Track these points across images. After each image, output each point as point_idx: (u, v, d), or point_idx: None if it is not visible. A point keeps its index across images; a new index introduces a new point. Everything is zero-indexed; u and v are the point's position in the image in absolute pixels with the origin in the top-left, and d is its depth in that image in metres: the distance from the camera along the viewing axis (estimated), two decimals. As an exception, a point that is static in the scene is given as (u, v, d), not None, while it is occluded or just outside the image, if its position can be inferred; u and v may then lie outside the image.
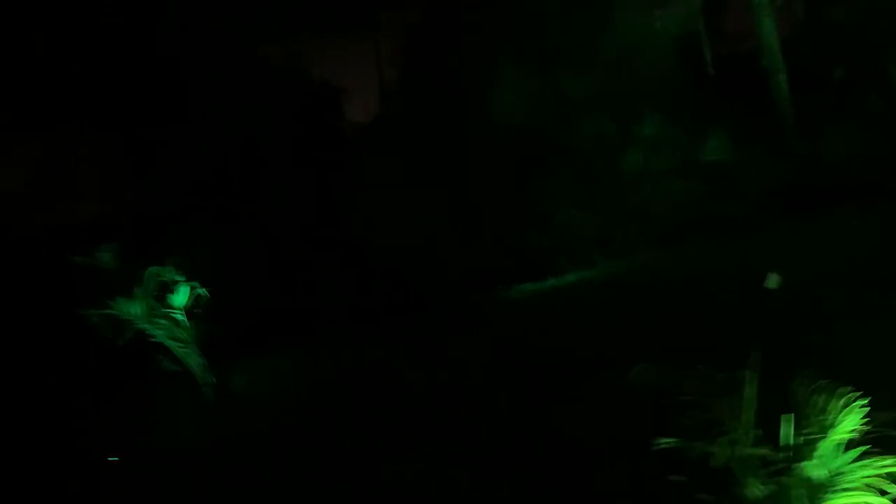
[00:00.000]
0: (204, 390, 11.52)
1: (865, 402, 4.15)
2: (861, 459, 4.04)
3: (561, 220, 15.26)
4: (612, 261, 14.42)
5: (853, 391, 4.21)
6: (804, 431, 4.17)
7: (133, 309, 10.89)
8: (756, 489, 4.10)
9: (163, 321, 11.19)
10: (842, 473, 4.04)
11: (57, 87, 22.12)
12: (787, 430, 4.17)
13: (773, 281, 10.80)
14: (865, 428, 4.06)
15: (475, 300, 13.01)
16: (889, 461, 3.92)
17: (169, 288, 11.28)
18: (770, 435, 4.23)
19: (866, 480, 3.95)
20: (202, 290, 11.27)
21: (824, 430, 4.12)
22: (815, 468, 4.05)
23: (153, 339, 11.39)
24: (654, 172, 15.56)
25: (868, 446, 4.08)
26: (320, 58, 21.66)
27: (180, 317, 11.23)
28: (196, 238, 13.36)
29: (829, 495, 3.99)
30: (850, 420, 4.07)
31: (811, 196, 14.85)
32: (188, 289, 11.14)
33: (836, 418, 4.14)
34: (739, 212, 14.92)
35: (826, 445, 4.07)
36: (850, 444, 4.09)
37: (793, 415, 4.19)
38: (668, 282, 12.52)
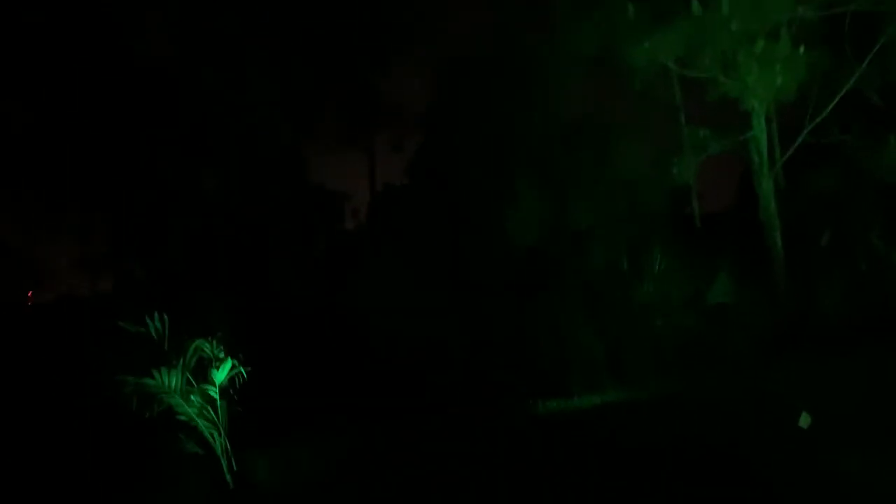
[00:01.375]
0: (226, 476, 11.07)
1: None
2: None
3: (574, 341, 15.62)
4: (625, 388, 14.72)
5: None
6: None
7: (172, 381, 10.60)
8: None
9: (196, 398, 10.89)
10: None
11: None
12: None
13: (804, 420, 11.26)
14: None
15: (508, 410, 13.05)
16: None
17: (206, 363, 11.07)
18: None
19: None
20: (242, 369, 11.08)
21: None
22: None
23: (180, 416, 11.03)
24: (664, 306, 16.27)
25: None
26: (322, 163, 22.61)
27: (215, 395, 10.96)
28: (228, 315, 13.20)
29: None
30: None
31: (806, 341, 15.80)
32: (229, 366, 10.95)
33: None
34: (743, 350, 15.62)
35: None
36: None
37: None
38: (696, 411, 12.90)
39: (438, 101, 21.39)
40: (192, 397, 10.92)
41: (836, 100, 18.44)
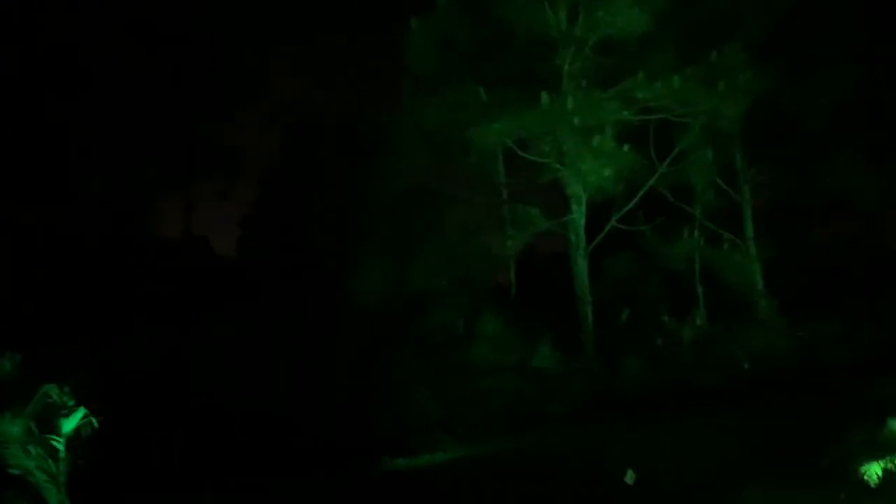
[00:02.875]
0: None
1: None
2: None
3: (413, 401, 16.09)
4: (461, 445, 15.39)
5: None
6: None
7: (13, 430, 9.54)
8: None
9: (37, 449, 9.86)
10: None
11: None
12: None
13: (629, 476, 12.58)
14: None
15: (362, 469, 13.09)
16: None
17: (51, 411, 10.09)
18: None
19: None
20: (93, 419, 10.21)
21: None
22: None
23: (11, 470, 9.91)
24: (493, 368, 17.32)
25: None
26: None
27: (60, 446, 9.98)
28: (84, 358, 12.08)
29: None
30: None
31: (615, 405, 17.59)
32: (80, 415, 10.05)
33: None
34: (562, 410, 17.04)
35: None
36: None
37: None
38: (529, 467, 13.86)
39: (283, 158, 21.40)
40: (30, 448, 9.89)
41: (641, 193, 21.19)
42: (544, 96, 17.57)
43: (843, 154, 22.31)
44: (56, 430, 9.91)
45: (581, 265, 20.69)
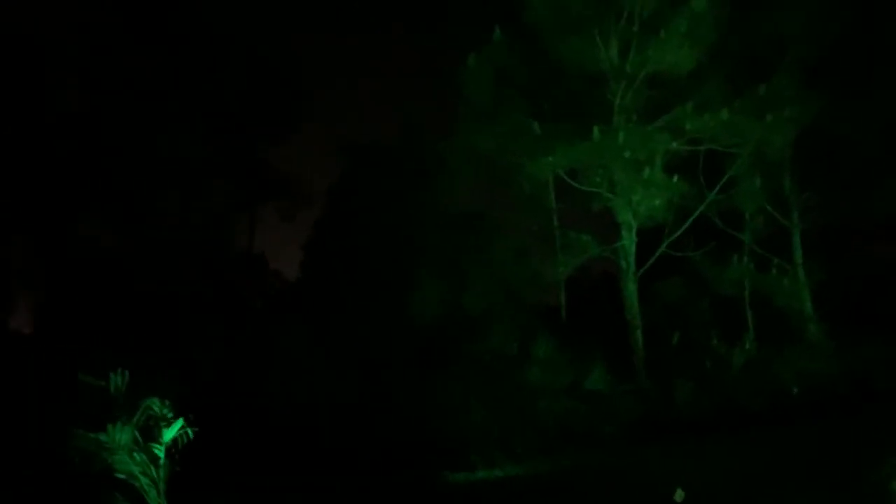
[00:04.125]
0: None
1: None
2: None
3: (469, 419, 16.92)
4: (517, 463, 16.16)
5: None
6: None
7: (122, 438, 10.69)
8: None
9: (140, 455, 11.00)
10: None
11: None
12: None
13: (679, 495, 13.20)
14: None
15: (419, 481, 14.00)
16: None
17: (153, 422, 11.24)
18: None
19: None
20: (189, 430, 11.34)
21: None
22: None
23: (118, 474, 11.05)
24: (547, 389, 18.06)
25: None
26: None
27: (160, 453, 11.12)
28: (173, 376, 13.27)
29: None
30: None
31: (666, 428, 18.16)
32: (178, 426, 11.18)
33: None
34: (614, 431, 17.67)
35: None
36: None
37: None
38: (579, 486, 14.57)
39: (341, 180, 22.61)
40: (135, 455, 11.04)
41: (690, 220, 21.79)
42: (596, 130, 18.39)
43: (893, 176, 22.51)
44: (157, 439, 11.03)
45: (631, 290, 21.34)
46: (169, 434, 11.13)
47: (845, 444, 13.79)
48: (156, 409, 11.20)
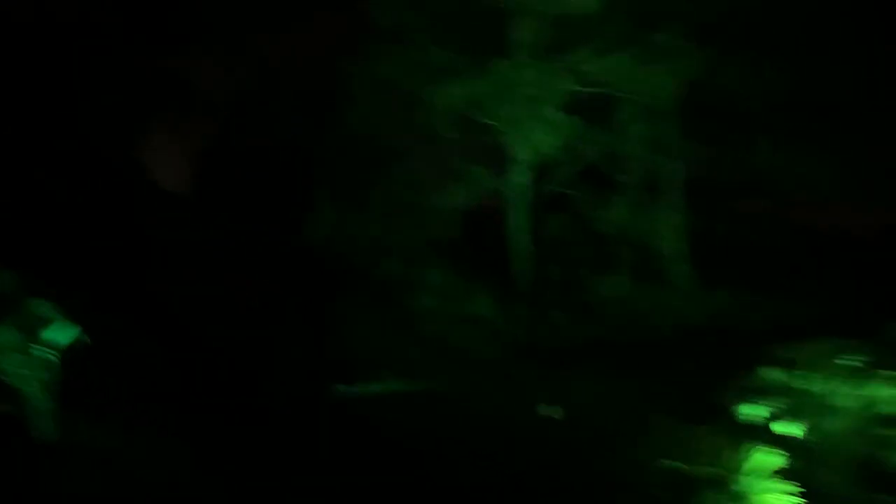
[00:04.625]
0: (40, 438, 11.10)
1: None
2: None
3: (361, 340, 17.54)
4: (404, 381, 16.97)
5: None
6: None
7: (7, 338, 10.53)
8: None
9: (30, 358, 10.88)
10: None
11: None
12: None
13: (555, 412, 14.41)
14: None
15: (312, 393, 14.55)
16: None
17: (38, 322, 11.08)
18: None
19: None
20: (87, 337, 11.27)
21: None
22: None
23: (6, 377, 10.93)
24: (438, 315, 18.89)
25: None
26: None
27: (54, 358, 11.02)
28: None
29: None
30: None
31: (545, 353, 19.44)
32: (74, 332, 11.08)
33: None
34: (496, 356, 18.78)
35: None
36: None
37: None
38: (460, 402, 15.59)
39: (241, 93, 22.04)
40: (17, 355, 10.90)
41: (580, 161, 22.79)
42: (500, 64, 18.81)
43: (768, 136, 24.20)
44: (42, 342, 10.90)
45: (520, 223, 22.27)
46: (59, 336, 11.01)
47: (700, 374, 15.29)
48: (40, 310, 11.05)
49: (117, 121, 24.82)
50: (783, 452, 8.43)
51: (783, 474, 7.48)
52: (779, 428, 9.41)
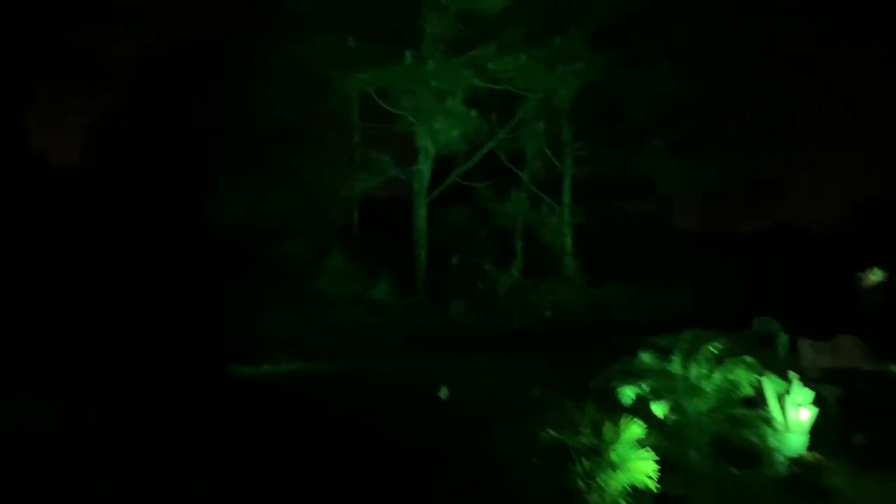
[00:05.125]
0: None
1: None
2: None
3: (261, 320, 17.59)
4: (302, 362, 17.20)
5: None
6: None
7: None
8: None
9: None
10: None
11: None
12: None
13: (443, 392, 15.02)
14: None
15: (212, 373, 14.54)
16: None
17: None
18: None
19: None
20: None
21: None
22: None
23: None
24: (336, 298, 19.15)
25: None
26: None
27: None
28: None
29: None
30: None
31: (442, 340, 20.11)
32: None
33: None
34: (394, 340, 19.27)
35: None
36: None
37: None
38: (357, 383, 15.99)
39: (147, 66, 21.39)
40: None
41: (481, 154, 23.63)
42: (408, 56, 19.25)
43: (652, 142, 25.78)
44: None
45: (421, 212, 22.89)
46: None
47: (583, 359, 16.30)
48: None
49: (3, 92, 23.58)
50: (654, 428, 9.32)
51: (652, 448, 8.30)
52: (652, 406, 10.37)
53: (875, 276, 24.53)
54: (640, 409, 9.73)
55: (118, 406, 13.12)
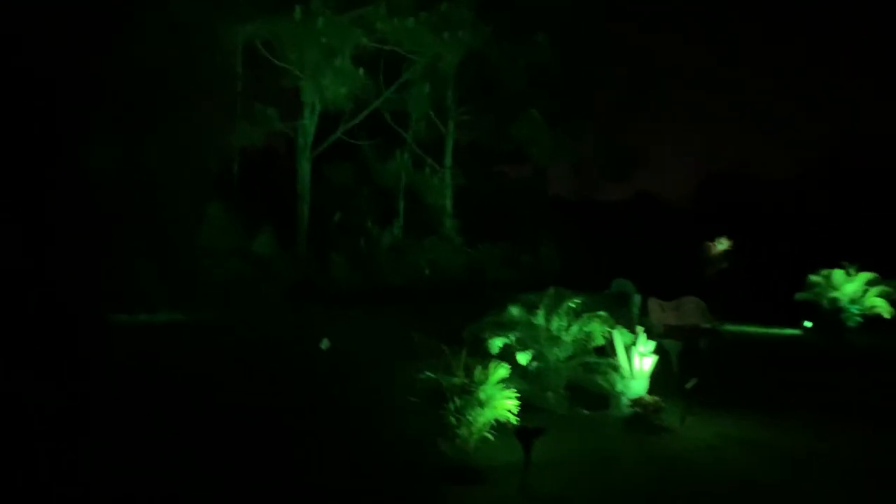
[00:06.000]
0: None
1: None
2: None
3: (136, 271, 17.39)
4: (179, 312, 17.25)
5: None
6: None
7: None
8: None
9: None
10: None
11: None
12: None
13: (324, 343, 15.60)
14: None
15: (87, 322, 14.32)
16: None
17: None
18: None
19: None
20: None
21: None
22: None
23: None
24: (216, 250, 19.17)
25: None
26: None
27: None
28: None
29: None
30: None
31: (321, 295, 20.59)
32: None
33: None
34: (274, 293, 19.56)
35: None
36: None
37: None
38: (237, 334, 16.28)
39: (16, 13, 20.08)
40: None
41: (366, 112, 23.97)
42: (298, 11, 19.22)
43: (528, 111, 26.92)
44: None
45: (305, 167, 23.06)
46: None
47: (457, 314, 17.34)
48: None
49: None
50: (518, 374, 10.38)
51: (517, 392, 9.29)
52: (517, 355, 11.46)
53: (721, 245, 27.07)
54: (506, 357, 10.71)
55: None
